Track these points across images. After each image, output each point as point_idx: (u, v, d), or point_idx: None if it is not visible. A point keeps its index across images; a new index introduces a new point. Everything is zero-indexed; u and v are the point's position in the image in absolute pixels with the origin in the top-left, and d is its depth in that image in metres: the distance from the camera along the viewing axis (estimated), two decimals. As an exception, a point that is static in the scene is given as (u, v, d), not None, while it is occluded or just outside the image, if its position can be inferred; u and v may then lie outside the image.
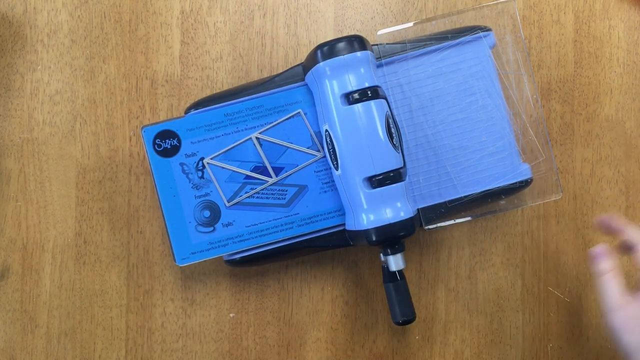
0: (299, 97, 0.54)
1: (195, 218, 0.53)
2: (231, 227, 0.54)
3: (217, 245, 0.54)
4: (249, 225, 0.54)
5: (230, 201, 0.53)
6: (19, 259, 0.58)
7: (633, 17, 0.62)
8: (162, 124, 0.53)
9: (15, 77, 0.59)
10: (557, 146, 0.61)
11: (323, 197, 0.54)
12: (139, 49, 0.60)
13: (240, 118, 0.54)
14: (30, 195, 0.59)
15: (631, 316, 0.45)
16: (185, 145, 0.53)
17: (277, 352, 0.60)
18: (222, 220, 0.53)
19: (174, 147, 0.53)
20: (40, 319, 0.58)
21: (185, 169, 0.53)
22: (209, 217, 0.53)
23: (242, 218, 0.54)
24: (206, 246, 0.53)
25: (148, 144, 0.53)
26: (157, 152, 0.53)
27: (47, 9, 0.59)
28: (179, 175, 0.53)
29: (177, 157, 0.53)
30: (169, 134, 0.53)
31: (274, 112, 0.54)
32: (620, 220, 0.50)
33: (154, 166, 0.53)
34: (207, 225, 0.53)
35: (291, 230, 0.54)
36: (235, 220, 0.54)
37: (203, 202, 0.53)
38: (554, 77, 0.62)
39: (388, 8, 0.61)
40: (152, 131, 0.53)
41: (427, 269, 0.60)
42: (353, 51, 0.50)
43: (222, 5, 0.60)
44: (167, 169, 0.53)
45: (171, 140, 0.53)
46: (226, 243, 0.54)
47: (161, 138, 0.53)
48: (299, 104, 0.54)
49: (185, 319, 0.59)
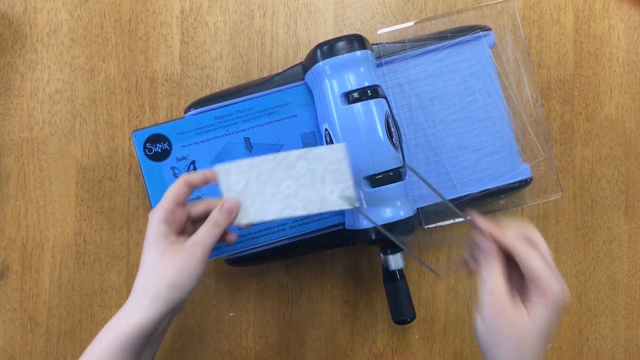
0: (290, 99, 0.54)
1: None
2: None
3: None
4: (242, 228, 0.54)
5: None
6: (19, 258, 0.58)
7: (633, 16, 0.62)
8: (152, 128, 0.53)
9: (15, 77, 0.59)
10: (556, 146, 0.61)
11: None
12: (138, 48, 0.60)
13: (230, 120, 0.53)
14: (30, 194, 0.59)
15: (508, 325, 0.40)
16: (176, 149, 0.53)
17: (276, 351, 0.60)
18: None
19: (165, 151, 0.53)
20: (40, 318, 0.58)
21: (177, 173, 0.53)
22: None
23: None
24: None
25: (139, 148, 0.53)
26: (147, 157, 0.53)
27: (47, 8, 0.59)
28: (171, 179, 0.53)
29: (168, 161, 0.53)
30: (160, 138, 0.53)
31: (264, 114, 0.54)
32: (493, 228, 0.42)
33: (145, 170, 0.53)
34: None
35: (284, 232, 0.54)
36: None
37: None
38: (553, 76, 0.62)
39: (388, 7, 0.61)
40: (143, 135, 0.53)
41: (427, 268, 0.60)
42: (353, 50, 0.50)
43: (222, 5, 0.60)
44: (158, 173, 0.53)
45: (162, 144, 0.53)
46: (219, 245, 0.53)
47: (152, 142, 0.53)
48: (290, 105, 0.54)
49: (185, 318, 0.59)
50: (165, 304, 0.42)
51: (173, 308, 0.43)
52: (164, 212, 0.44)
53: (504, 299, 0.40)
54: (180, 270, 0.42)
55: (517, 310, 0.40)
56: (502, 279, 0.41)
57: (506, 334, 0.40)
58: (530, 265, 0.40)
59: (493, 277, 0.41)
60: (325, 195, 0.45)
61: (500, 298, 0.40)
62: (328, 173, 0.45)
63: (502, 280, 0.41)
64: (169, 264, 0.42)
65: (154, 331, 0.42)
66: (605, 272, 0.61)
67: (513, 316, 0.40)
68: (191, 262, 0.43)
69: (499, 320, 0.40)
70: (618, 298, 0.61)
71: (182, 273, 0.42)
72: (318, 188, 0.45)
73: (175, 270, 0.42)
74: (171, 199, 0.45)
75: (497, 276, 0.41)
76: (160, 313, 0.42)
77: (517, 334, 0.39)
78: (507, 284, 0.41)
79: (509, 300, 0.40)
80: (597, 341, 0.61)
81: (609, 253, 0.62)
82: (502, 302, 0.40)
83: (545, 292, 0.39)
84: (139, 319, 0.41)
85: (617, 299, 0.61)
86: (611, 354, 0.61)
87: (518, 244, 0.41)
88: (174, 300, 0.42)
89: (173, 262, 0.42)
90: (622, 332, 0.61)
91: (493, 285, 0.41)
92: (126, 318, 0.42)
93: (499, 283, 0.40)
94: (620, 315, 0.61)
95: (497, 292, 0.40)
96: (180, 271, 0.42)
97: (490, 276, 0.41)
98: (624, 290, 0.62)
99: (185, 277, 0.42)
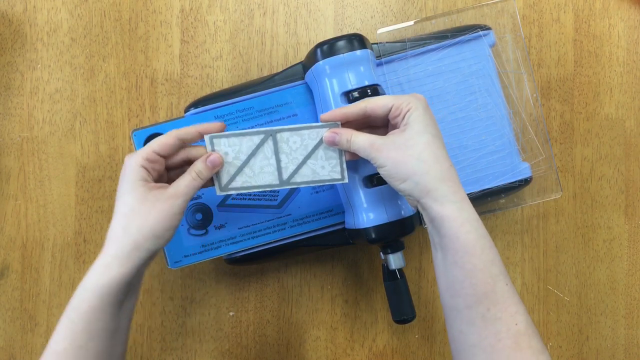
0: (289, 99, 0.54)
1: (188, 221, 0.53)
2: (223, 230, 0.53)
3: (210, 247, 0.53)
4: (241, 227, 0.54)
5: (222, 203, 0.53)
6: (19, 257, 0.58)
7: (633, 16, 0.62)
8: (152, 127, 0.53)
9: (15, 76, 0.59)
10: (556, 145, 0.61)
11: (315, 198, 0.54)
12: (138, 47, 0.60)
13: (230, 120, 0.53)
14: (30, 193, 0.59)
15: (387, 142, 0.43)
16: None
17: (276, 350, 0.59)
18: (214, 222, 0.53)
19: None
20: (40, 317, 0.58)
21: None
22: (201, 219, 0.53)
23: (234, 220, 0.53)
24: (199, 249, 0.53)
25: (138, 147, 0.53)
26: None
27: (47, 7, 0.59)
28: None
29: None
30: None
31: (264, 113, 0.54)
32: (334, 112, 0.46)
33: None
34: (199, 228, 0.53)
35: (283, 232, 0.54)
36: (228, 222, 0.53)
37: (195, 205, 0.53)
38: (553, 76, 0.62)
39: (388, 7, 0.61)
40: (143, 134, 0.53)
41: (427, 267, 0.60)
42: (353, 50, 0.50)
43: (222, 4, 0.60)
44: None
45: None
46: (219, 245, 0.53)
47: None
48: (290, 105, 0.54)
49: (185, 317, 0.59)
50: (146, 253, 0.41)
51: (151, 256, 0.42)
52: (144, 156, 0.43)
53: (373, 137, 0.43)
54: (161, 219, 0.41)
55: (393, 134, 0.43)
56: (361, 134, 0.44)
57: (396, 155, 0.42)
58: (378, 102, 0.44)
59: (354, 136, 0.44)
60: (316, 170, 0.47)
61: (370, 139, 0.43)
62: (321, 149, 0.47)
63: (362, 133, 0.44)
64: (149, 213, 0.41)
65: (134, 281, 0.42)
66: (605, 272, 0.61)
67: (391, 138, 0.43)
68: (171, 212, 0.42)
69: (384, 150, 0.43)
70: (618, 298, 0.61)
71: (164, 223, 0.42)
72: (311, 163, 0.47)
73: (156, 220, 0.41)
74: (155, 147, 0.43)
75: (356, 133, 0.44)
76: (141, 263, 0.41)
77: (403, 144, 0.42)
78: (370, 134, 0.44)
79: (377, 137, 0.43)
80: (597, 341, 0.61)
81: (609, 252, 0.62)
82: (373, 140, 0.43)
83: (400, 109, 0.43)
84: (119, 271, 0.41)
85: (617, 299, 0.61)
86: (611, 354, 0.61)
87: (359, 103, 0.45)
88: (152, 250, 0.42)
89: (153, 211, 0.41)
90: (622, 331, 0.61)
91: (358, 138, 0.44)
92: (106, 270, 0.41)
93: (360, 135, 0.44)
94: (620, 315, 0.61)
95: (364, 139, 0.44)
96: (161, 220, 0.41)
97: (354, 137, 0.44)
98: (624, 290, 0.62)
99: (166, 226, 0.42)
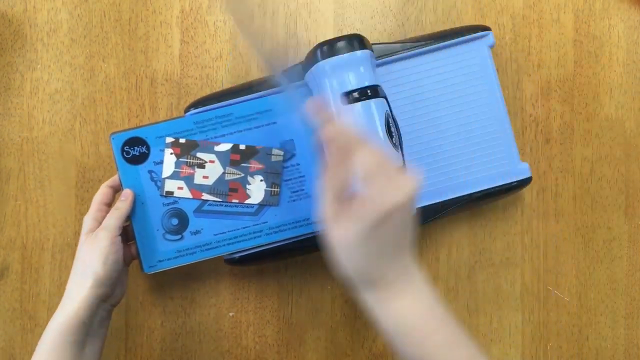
0: (269, 106, 0.54)
1: (163, 226, 0.53)
2: (199, 235, 0.53)
3: (185, 253, 0.53)
4: (217, 234, 0.53)
5: (199, 209, 0.53)
6: (19, 257, 0.58)
7: (633, 16, 0.62)
8: (130, 131, 0.53)
9: (15, 76, 0.59)
10: (556, 145, 0.61)
11: (292, 205, 0.54)
12: (138, 47, 0.60)
13: (209, 126, 0.53)
14: (29, 194, 0.59)
15: (342, 233, 0.40)
16: (154, 153, 0.53)
17: (276, 351, 0.59)
18: (190, 228, 0.53)
19: (143, 155, 0.53)
20: (39, 317, 0.58)
21: (154, 177, 0.53)
22: (177, 225, 0.53)
23: (210, 226, 0.53)
24: (174, 254, 0.53)
25: (116, 151, 0.53)
26: (125, 159, 0.53)
27: (46, 7, 0.59)
28: (147, 183, 0.53)
29: (145, 164, 0.53)
30: (138, 141, 0.53)
31: (243, 120, 0.54)
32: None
33: (122, 173, 0.53)
34: (175, 233, 0.53)
35: (259, 239, 0.54)
36: (204, 228, 0.53)
37: (171, 210, 0.53)
38: (553, 76, 0.62)
39: (388, 7, 0.61)
40: (121, 138, 0.53)
41: (427, 268, 0.60)
42: (353, 50, 0.50)
43: (222, 4, 0.60)
44: (136, 176, 0.53)
45: (140, 148, 0.53)
46: (194, 251, 0.53)
47: (130, 145, 0.53)
48: (269, 112, 0.54)
49: (185, 317, 0.59)
50: (90, 290, 0.47)
51: (100, 294, 0.47)
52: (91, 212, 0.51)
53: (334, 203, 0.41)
54: (96, 257, 0.48)
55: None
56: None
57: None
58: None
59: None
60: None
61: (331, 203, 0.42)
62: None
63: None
64: (86, 253, 0.48)
65: (89, 320, 0.47)
66: (605, 272, 0.61)
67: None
68: (99, 247, 0.48)
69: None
70: (618, 298, 0.61)
71: (98, 259, 0.47)
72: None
73: (92, 258, 0.48)
74: (97, 200, 0.52)
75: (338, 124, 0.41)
76: (87, 299, 0.46)
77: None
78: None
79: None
80: (597, 341, 0.61)
81: (609, 253, 0.62)
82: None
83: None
84: (70, 308, 0.46)
85: (617, 299, 0.61)
86: (611, 354, 0.61)
87: (333, 129, 0.40)
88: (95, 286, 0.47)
89: (89, 250, 0.48)
90: (622, 332, 0.61)
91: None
92: (62, 309, 0.47)
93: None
94: (620, 315, 0.61)
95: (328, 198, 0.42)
96: (96, 258, 0.48)
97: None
98: (624, 290, 0.62)
99: (100, 262, 0.47)
